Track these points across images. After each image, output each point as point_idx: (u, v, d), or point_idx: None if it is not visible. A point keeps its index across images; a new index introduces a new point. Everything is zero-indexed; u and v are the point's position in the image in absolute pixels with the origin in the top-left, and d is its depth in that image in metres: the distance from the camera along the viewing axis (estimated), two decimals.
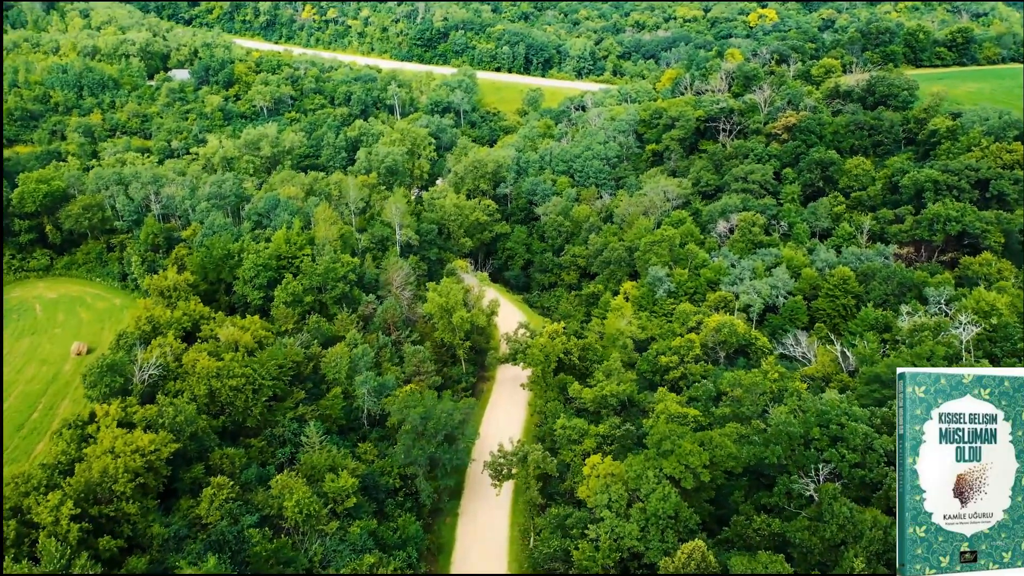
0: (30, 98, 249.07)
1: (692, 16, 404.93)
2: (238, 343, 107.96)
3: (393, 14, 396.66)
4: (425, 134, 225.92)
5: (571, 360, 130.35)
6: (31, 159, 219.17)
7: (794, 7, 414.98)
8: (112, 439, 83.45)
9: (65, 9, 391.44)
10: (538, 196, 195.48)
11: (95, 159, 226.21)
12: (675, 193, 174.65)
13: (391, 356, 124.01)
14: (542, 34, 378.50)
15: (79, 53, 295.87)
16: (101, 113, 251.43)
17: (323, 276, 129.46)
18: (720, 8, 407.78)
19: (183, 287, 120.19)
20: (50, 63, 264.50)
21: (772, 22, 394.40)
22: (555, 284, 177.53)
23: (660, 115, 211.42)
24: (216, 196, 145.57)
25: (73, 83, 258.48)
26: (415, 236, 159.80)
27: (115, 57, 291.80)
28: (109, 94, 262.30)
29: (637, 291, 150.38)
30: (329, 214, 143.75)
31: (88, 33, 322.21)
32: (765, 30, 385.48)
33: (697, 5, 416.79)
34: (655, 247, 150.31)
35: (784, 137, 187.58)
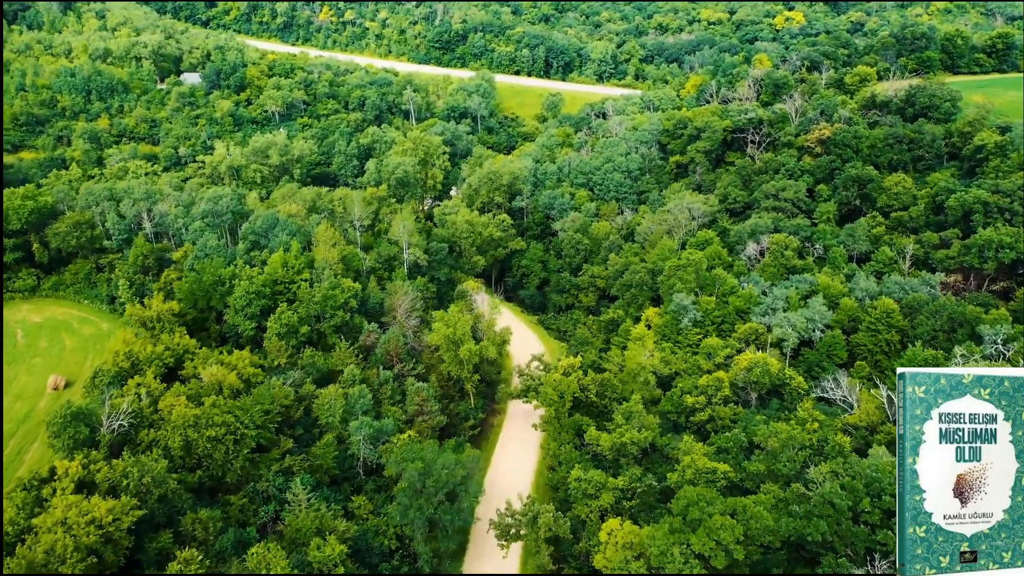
0: (36, 102, 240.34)
1: (717, 19, 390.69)
2: (222, 384, 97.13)
3: (411, 16, 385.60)
4: (439, 143, 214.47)
5: (588, 397, 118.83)
6: (34, 166, 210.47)
7: (822, 9, 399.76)
8: (66, 508, 72.77)
9: (81, 10, 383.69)
10: (555, 210, 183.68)
11: (100, 166, 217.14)
12: (701, 211, 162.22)
13: (392, 393, 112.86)
14: (563, 37, 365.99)
15: (90, 56, 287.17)
16: (109, 118, 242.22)
17: (321, 304, 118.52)
18: (746, 10, 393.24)
19: (167, 318, 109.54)
20: (58, 66, 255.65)
21: (799, 25, 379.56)
22: (572, 306, 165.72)
23: (685, 125, 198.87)
24: (211, 214, 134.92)
25: (81, 87, 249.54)
26: (424, 256, 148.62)
27: (127, 60, 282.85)
28: (118, 98, 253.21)
29: (660, 319, 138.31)
30: (330, 234, 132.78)
31: (101, 35, 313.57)
32: (792, 33, 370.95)
33: (722, 7, 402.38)
34: (680, 272, 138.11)
35: (817, 151, 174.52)
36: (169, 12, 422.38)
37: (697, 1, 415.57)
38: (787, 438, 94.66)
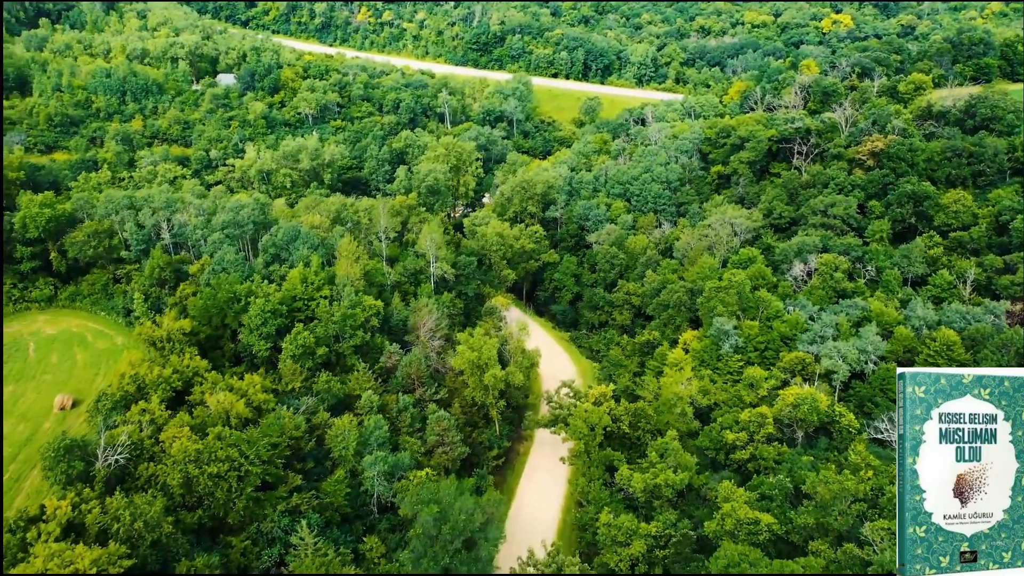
0: (71, 103, 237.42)
1: (761, 21, 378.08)
2: (229, 413, 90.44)
3: (449, 17, 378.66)
4: (471, 149, 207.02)
5: (620, 428, 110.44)
6: (65, 167, 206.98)
7: (871, 12, 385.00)
8: (48, 557, 66.32)
9: (123, 10, 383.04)
10: (590, 222, 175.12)
11: (131, 168, 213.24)
12: (744, 226, 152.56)
13: (412, 421, 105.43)
14: (602, 39, 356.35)
15: (128, 56, 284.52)
16: (143, 119, 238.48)
17: (340, 324, 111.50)
18: (791, 13, 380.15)
19: (178, 337, 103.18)
20: (95, 67, 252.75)
21: (847, 28, 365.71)
22: (606, 323, 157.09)
23: (728, 134, 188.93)
24: (232, 224, 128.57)
25: (116, 88, 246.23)
26: (451, 270, 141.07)
27: (164, 60, 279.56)
28: (152, 99, 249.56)
29: (699, 343, 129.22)
30: (353, 248, 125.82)
31: (139, 35, 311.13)
32: (839, 37, 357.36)
33: (767, 9, 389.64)
34: (721, 294, 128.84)
35: (869, 164, 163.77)
36: (210, 12, 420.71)
37: (742, 2, 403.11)
38: (839, 489, 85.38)
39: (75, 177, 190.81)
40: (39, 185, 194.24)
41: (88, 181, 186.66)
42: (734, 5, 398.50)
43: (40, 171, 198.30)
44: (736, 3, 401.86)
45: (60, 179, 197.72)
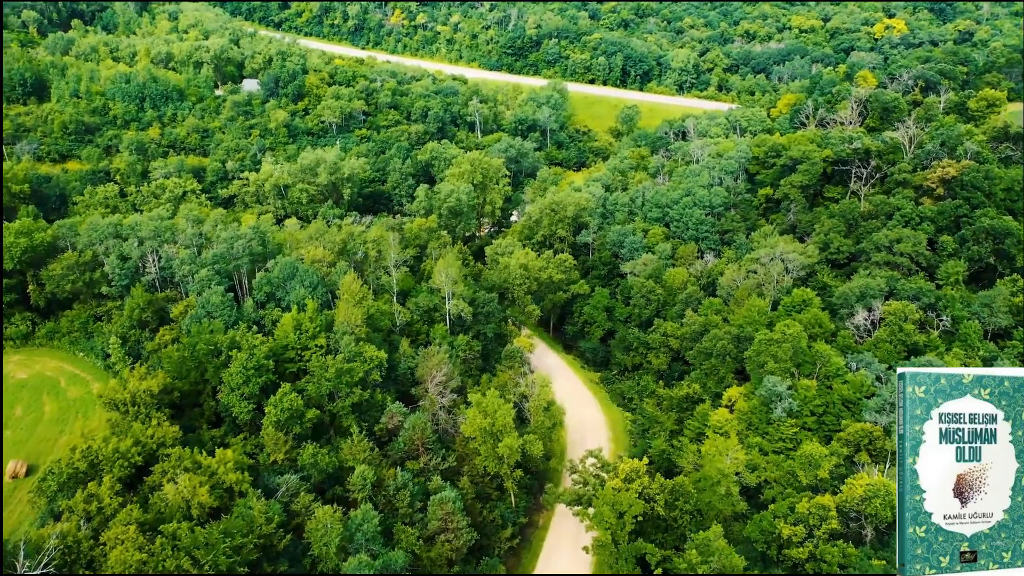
0: (87, 109, 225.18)
1: (809, 26, 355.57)
2: (190, 502, 74.99)
3: (484, 20, 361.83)
4: (499, 165, 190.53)
5: (654, 509, 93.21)
6: (76, 179, 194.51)
7: (926, 17, 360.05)
8: None
9: (156, 11, 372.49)
10: (625, 249, 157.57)
11: (144, 179, 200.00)
12: (797, 263, 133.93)
13: (411, 500, 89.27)
14: (642, 44, 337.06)
15: (153, 60, 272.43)
16: (160, 127, 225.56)
17: (334, 381, 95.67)
18: (841, 18, 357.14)
19: (144, 399, 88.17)
20: (114, 72, 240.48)
21: (900, 34, 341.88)
22: (640, 366, 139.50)
23: (778, 153, 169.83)
24: (224, 258, 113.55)
25: (135, 94, 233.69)
26: (468, 308, 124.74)
27: (188, 65, 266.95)
28: (172, 106, 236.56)
29: (746, 402, 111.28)
30: (356, 288, 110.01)
31: (165, 39, 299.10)
32: (892, 43, 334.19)
33: (815, 14, 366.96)
34: (772, 347, 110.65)
35: (939, 192, 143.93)
36: (243, 14, 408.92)
37: (790, 3, 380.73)
38: None
39: (82, 191, 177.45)
40: (45, 199, 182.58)
41: (94, 196, 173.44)
42: (781, 9, 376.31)
43: (47, 183, 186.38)
44: (783, 7, 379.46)
45: (68, 192, 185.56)
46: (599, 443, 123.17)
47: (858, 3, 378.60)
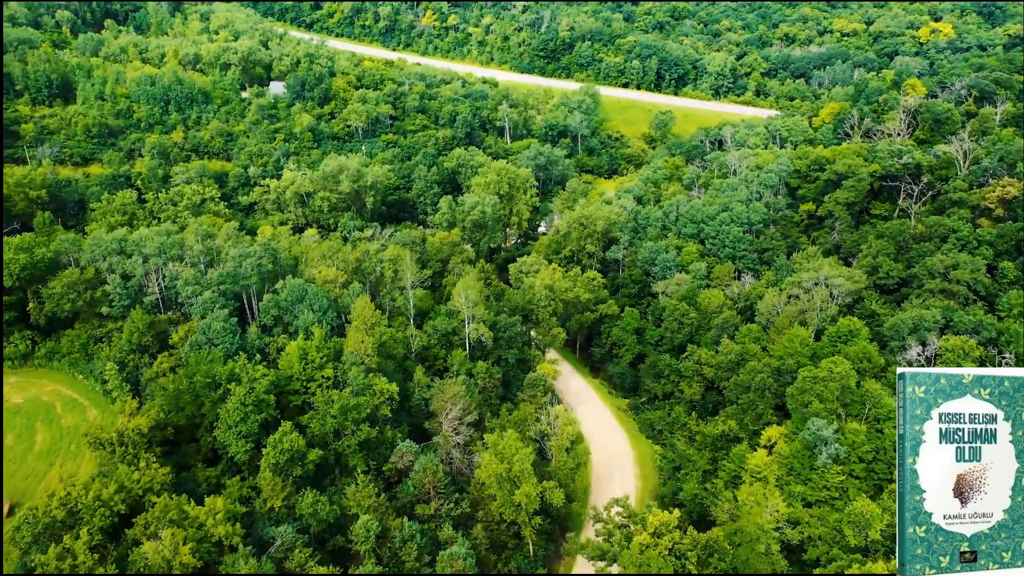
0: (111, 112, 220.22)
1: (851, 30, 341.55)
2: (171, 563, 67.38)
3: (516, 22, 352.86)
4: (526, 175, 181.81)
5: (685, 567, 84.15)
6: (96, 183, 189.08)
7: (974, 21, 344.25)
8: None
9: (188, 11, 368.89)
10: (657, 267, 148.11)
11: (165, 183, 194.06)
12: (844, 288, 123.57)
13: (418, 554, 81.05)
14: (677, 47, 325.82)
15: (180, 61, 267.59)
16: (184, 131, 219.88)
17: (340, 418, 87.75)
18: (885, 21, 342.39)
19: (133, 439, 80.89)
20: (140, 74, 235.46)
21: (947, 38, 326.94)
22: (671, 394, 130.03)
23: (821, 167, 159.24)
24: (231, 278, 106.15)
25: (160, 96, 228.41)
26: (489, 333, 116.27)
27: (216, 66, 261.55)
28: (197, 109, 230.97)
29: (787, 445, 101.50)
30: (369, 313, 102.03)
31: (193, 40, 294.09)
32: (939, 47, 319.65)
33: (858, 17, 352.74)
34: (818, 386, 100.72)
35: (998, 213, 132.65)
36: (275, 14, 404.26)
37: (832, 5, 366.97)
38: None
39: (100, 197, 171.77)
40: (64, 204, 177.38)
41: (111, 202, 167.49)
42: (822, 12, 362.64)
43: (66, 188, 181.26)
44: (824, 9, 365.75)
45: (87, 197, 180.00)
46: (626, 480, 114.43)
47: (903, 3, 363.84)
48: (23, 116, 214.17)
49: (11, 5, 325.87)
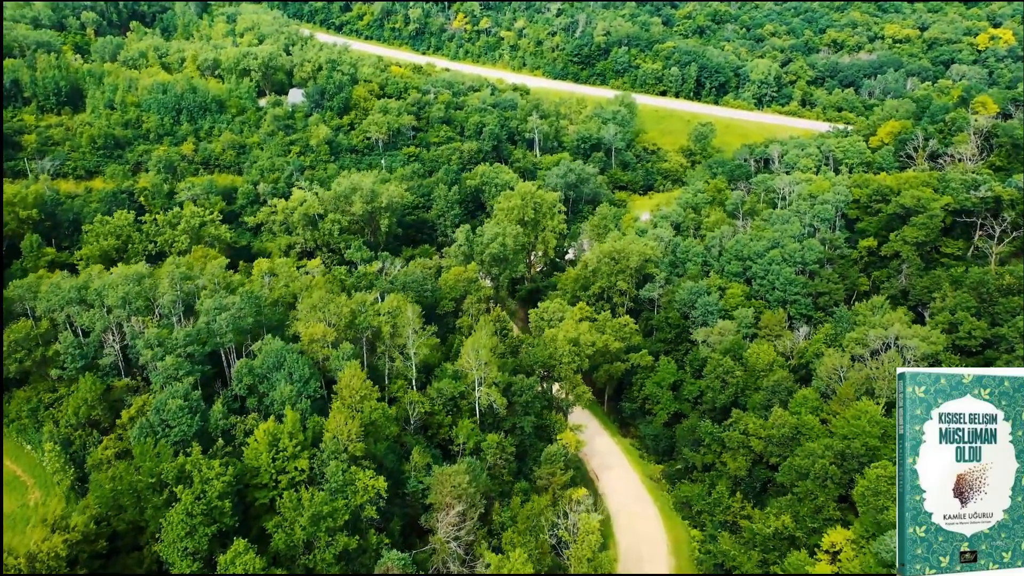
0: (119, 122, 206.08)
1: (904, 36, 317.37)
2: None
3: (550, 26, 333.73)
4: (553, 199, 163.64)
5: None
6: (97, 199, 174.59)
7: None
8: None
9: (215, 13, 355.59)
10: (698, 311, 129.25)
11: (170, 200, 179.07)
12: (919, 351, 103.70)
13: None
14: (718, 53, 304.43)
15: (199, 67, 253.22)
16: (195, 142, 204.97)
17: (310, 530, 70.63)
18: (940, 27, 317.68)
19: (47, 563, 64.60)
20: (153, 81, 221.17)
21: (1007, 45, 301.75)
22: (712, 465, 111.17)
23: (885, 198, 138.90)
24: (197, 340, 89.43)
25: (172, 105, 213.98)
26: (502, 400, 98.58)
27: (234, 72, 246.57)
28: (211, 118, 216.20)
29: (854, 554, 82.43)
30: (358, 384, 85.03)
31: (214, 44, 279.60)
32: (998, 55, 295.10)
33: (911, 22, 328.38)
34: (894, 488, 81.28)
35: None
36: (304, 16, 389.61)
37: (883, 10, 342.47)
38: None
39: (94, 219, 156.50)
40: (59, 224, 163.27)
41: (105, 225, 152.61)
42: (872, 17, 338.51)
43: (62, 206, 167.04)
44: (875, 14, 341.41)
45: (83, 217, 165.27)
46: None
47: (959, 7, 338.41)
48: (28, 126, 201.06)
49: (35, 6, 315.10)
